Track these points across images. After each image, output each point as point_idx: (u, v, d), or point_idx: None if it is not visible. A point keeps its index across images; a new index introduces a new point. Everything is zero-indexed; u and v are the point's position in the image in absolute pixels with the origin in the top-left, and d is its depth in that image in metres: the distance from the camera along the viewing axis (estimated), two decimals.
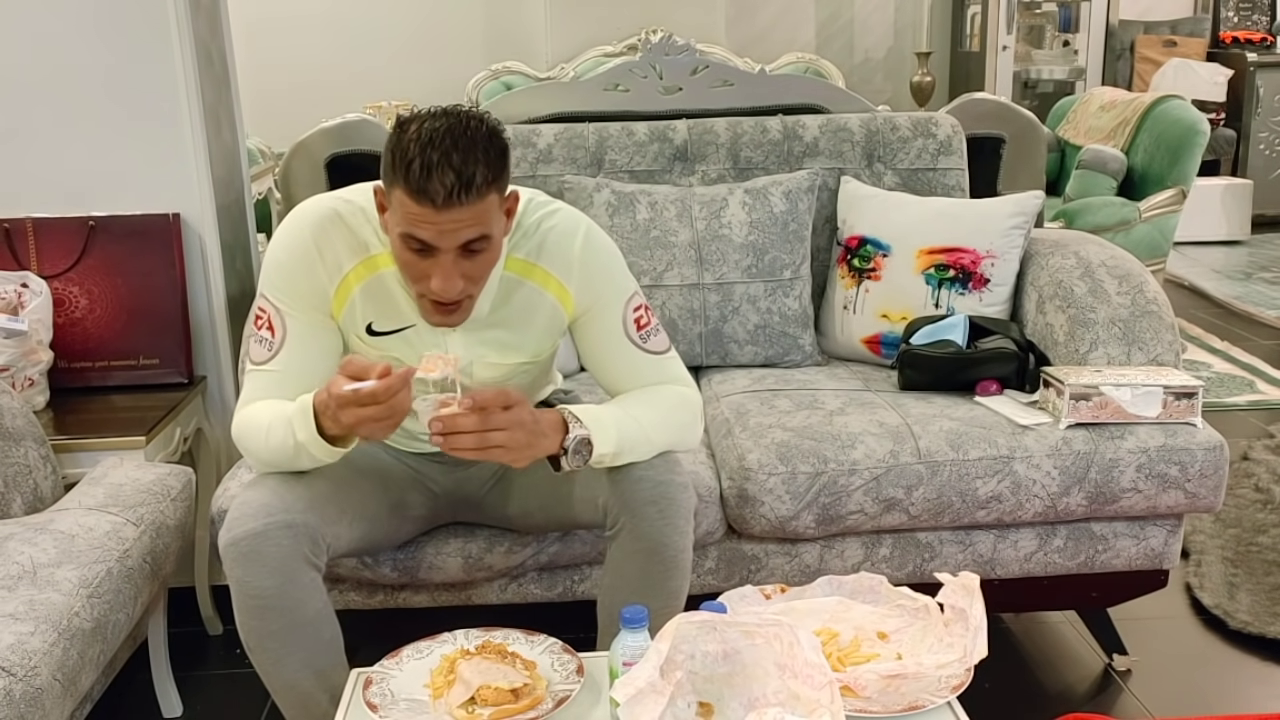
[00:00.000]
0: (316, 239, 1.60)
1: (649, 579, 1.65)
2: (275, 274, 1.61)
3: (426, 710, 1.41)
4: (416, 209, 1.43)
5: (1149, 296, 2.22)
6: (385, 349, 1.65)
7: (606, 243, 1.70)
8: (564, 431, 1.56)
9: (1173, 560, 2.14)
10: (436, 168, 1.40)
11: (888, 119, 2.63)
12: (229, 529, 1.57)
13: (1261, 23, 6.57)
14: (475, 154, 1.42)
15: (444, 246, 1.46)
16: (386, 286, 1.62)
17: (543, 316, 1.67)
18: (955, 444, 2.01)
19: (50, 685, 1.53)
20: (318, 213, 1.61)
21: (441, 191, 1.41)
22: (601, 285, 1.67)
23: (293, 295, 1.60)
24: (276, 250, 1.61)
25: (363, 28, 5.92)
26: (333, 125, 2.70)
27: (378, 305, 1.63)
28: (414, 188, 1.42)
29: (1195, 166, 4.43)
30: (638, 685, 1.23)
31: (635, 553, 1.63)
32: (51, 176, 2.33)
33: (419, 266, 1.49)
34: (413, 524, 1.87)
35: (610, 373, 1.72)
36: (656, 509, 1.63)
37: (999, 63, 6.17)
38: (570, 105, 2.76)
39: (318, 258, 1.60)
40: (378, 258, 1.61)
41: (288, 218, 1.64)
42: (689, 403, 1.72)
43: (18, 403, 2.04)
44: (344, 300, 1.62)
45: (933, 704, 1.39)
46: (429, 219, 1.43)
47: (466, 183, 1.41)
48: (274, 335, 1.61)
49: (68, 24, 2.27)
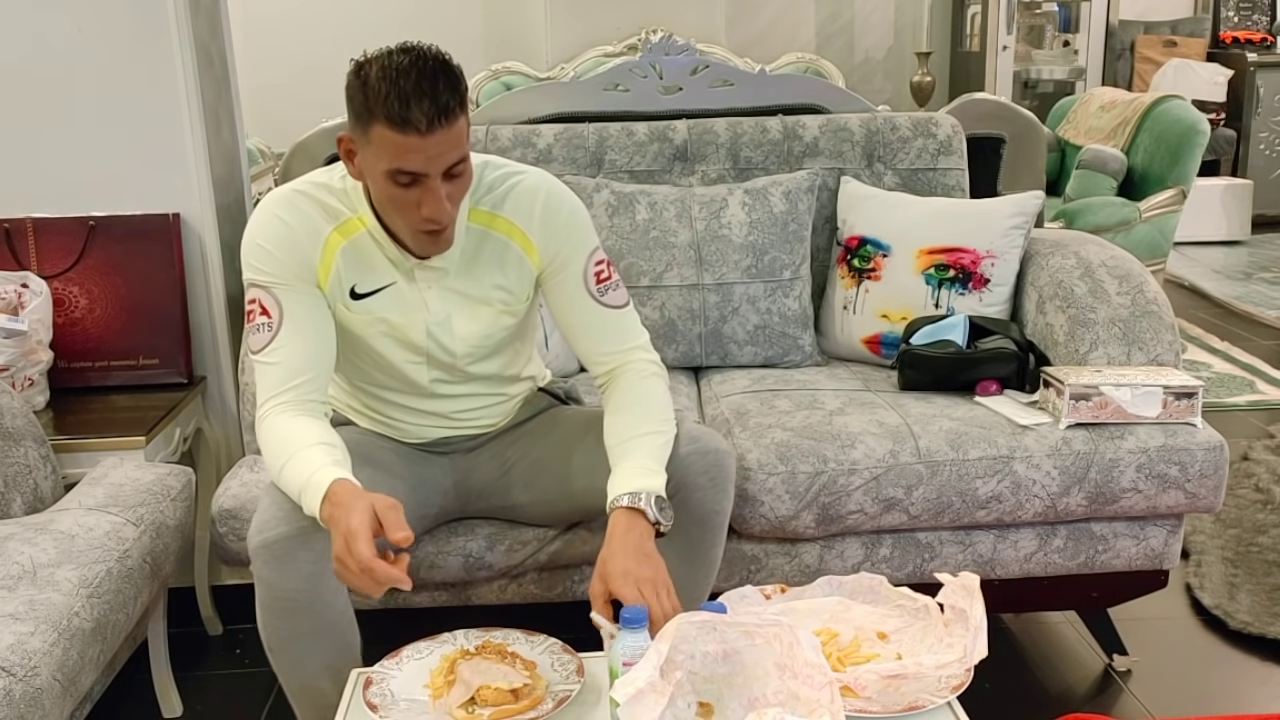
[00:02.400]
0: (290, 216, 1.63)
1: (696, 547, 1.72)
2: (258, 255, 1.63)
3: (426, 710, 1.40)
4: (402, 140, 1.46)
5: (1149, 296, 2.22)
6: (371, 310, 1.68)
7: (570, 198, 1.73)
8: (643, 517, 1.56)
9: (1173, 560, 2.14)
10: (413, 97, 1.44)
11: (888, 119, 2.63)
12: (260, 530, 1.57)
13: (1261, 23, 6.57)
14: (441, 80, 1.47)
15: (432, 172, 1.49)
16: (363, 248, 1.65)
17: (512, 267, 1.71)
18: (955, 444, 2.01)
19: (50, 685, 1.53)
20: (283, 195, 1.65)
21: (424, 119, 1.44)
22: (564, 237, 1.70)
23: (281, 269, 1.62)
24: (254, 236, 1.64)
25: (363, 28, 5.91)
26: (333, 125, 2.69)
27: (358, 267, 1.66)
28: (397, 120, 1.45)
29: (1195, 166, 4.43)
30: (638, 685, 1.23)
31: (687, 522, 1.68)
32: (51, 176, 2.33)
33: (407, 198, 1.52)
34: (428, 521, 1.88)
35: (572, 328, 1.76)
36: (709, 478, 1.70)
37: (999, 63, 6.17)
38: (570, 105, 2.75)
39: (297, 231, 1.62)
40: (349, 222, 1.64)
41: (255, 211, 1.67)
42: (655, 374, 1.75)
43: (18, 403, 2.04)
44: (329, 267, 1.64)
45: (933, 704, 1.39)
46: (416, 147, 1.46)
47: (443, 108, 1.46)
48: (270, 317, 1.62)
49: (68, 24, 2.27)
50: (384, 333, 1.69)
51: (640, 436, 1.65)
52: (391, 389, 1.79)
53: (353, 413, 1.87)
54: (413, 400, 1.80)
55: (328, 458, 1.54)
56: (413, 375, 1.75)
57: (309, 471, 1.52)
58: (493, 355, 1.78)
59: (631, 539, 1.54)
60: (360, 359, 1.75)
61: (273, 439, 1.59)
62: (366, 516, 1.43)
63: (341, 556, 1.42)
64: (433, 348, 1.72)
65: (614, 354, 1.74)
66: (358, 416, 1.86)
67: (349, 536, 1.42)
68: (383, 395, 1.80)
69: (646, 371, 1.74)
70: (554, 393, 1.97)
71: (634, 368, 1.74)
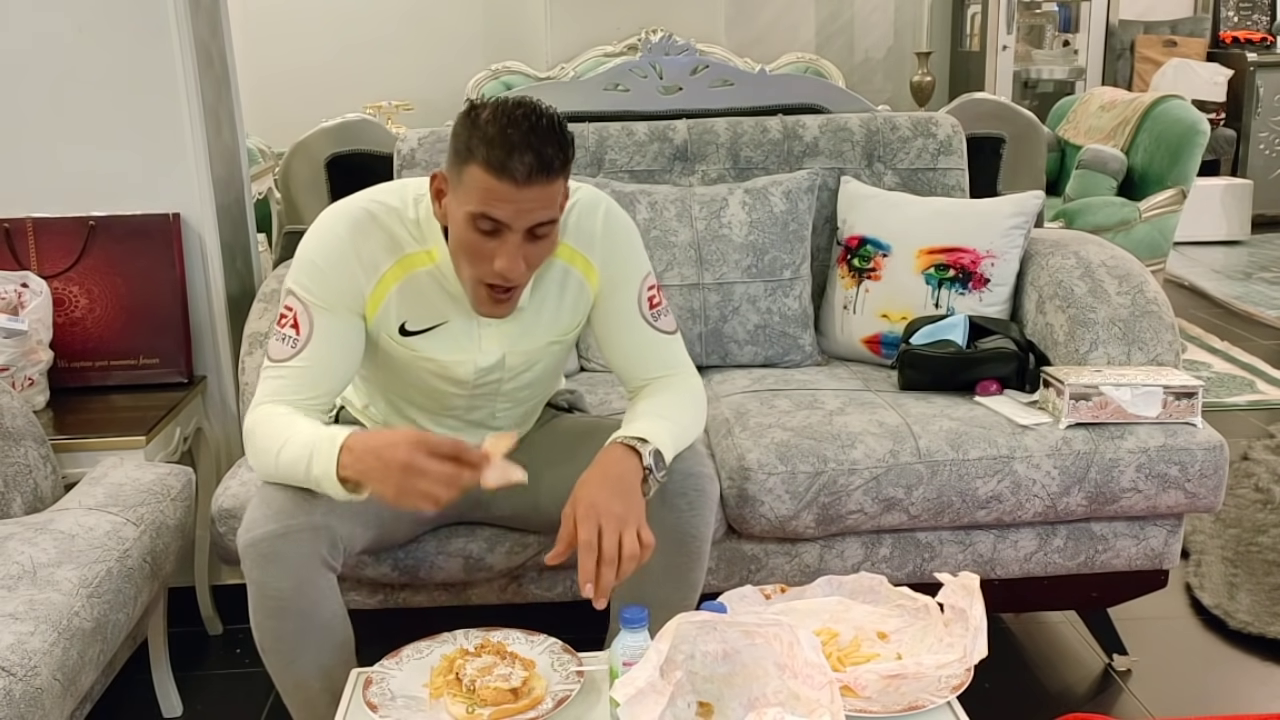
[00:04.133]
0: (354, 239, 1.59)
1: (673, 569, 1.67)
2: (309, 272, 1.59)
3: (426, 710, 1.41)
4: (497, 186, 1.44)
5: (1149, 296, 2.22)
6: (416, 348, 1.66)
7: (625, 219, 1.72)
8: (637, 458, 1.55)
9: (1173, 560, 2.14)
10: (519, 147, 1.43)
11: (888, 119, 2.63)
12: (248, 529, 1.56)
13: (1261, 23, 6.58)
14: (552, 137, 1.45)
15: (516, 226, 1.48)
16: (421, 285, 1.62)
17: (570, 293, 1.69)
18: (955, 444, 2.01)
19: (50, 685, 1.53)
20: (352, 214, 1.61)
21: (522, 169, 1.43)
22: (622, 260, 1.69)
23: (327, 292, 1.59)
24: (311, 251, 1.60)
25: (363, 28, 5.92)
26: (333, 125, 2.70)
27: (412, 304, 1.63)
28: (496, 165, 1.43)
29: (1195, 166, 4.44)
30: (638, 685, 1.23)
31: (662, 543, 1.64)
32: (51, 176, 2.33)
33: (484, 248, 1.50)
34: (422, 524, 1.88)
35: (620, 350, 1.73)
36: (687, 500, 1.66)
37: (999, 63, 6.17)
38: (570, 105, 2.75)
39: (355, 258, 1.59)
40: (413, 256, 1.61)
41: (320, 218, 1.63)
42: (699, 393, 1.74)
43: (18, 403, 2.04)
44: (380, 300, 1.62)
45: (933, 704, 1.39)
46: (508, 197, 1.45)
47: (546, 163, 1.44)
48: (299, 333, 1.59)
49: (67, 24, 2.27)
50: (429, 370, 1.68)
51: (660, 417, 1.63)
52: (419, 407, 1.77)
53: (366, 419, 1.85)
54: (436, 421, 1.78)
55: (327, 429, 1.53)
56: (450, 403, 1.74)
57: (313, 441, 1.50)
58: (535, 381, 1.77)
59: (614, 471, 1.52)
60: (399, 383, 1.73)
61: (266, 425, 1.57)
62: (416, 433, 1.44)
63: (411, 462, 1.41)
64: (479, 384, 1.70)
65: (660, 378, 1.72)
66: (370, 422, 1.85)
67: (416, 441, 1.42)
68: (409, 413, 1.79)
69: (689, 383, 1.72)
70: (557, 404, 1.96)
71: (679, 378, 1.72)
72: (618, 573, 1.46)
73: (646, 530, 1.49)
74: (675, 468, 1.64)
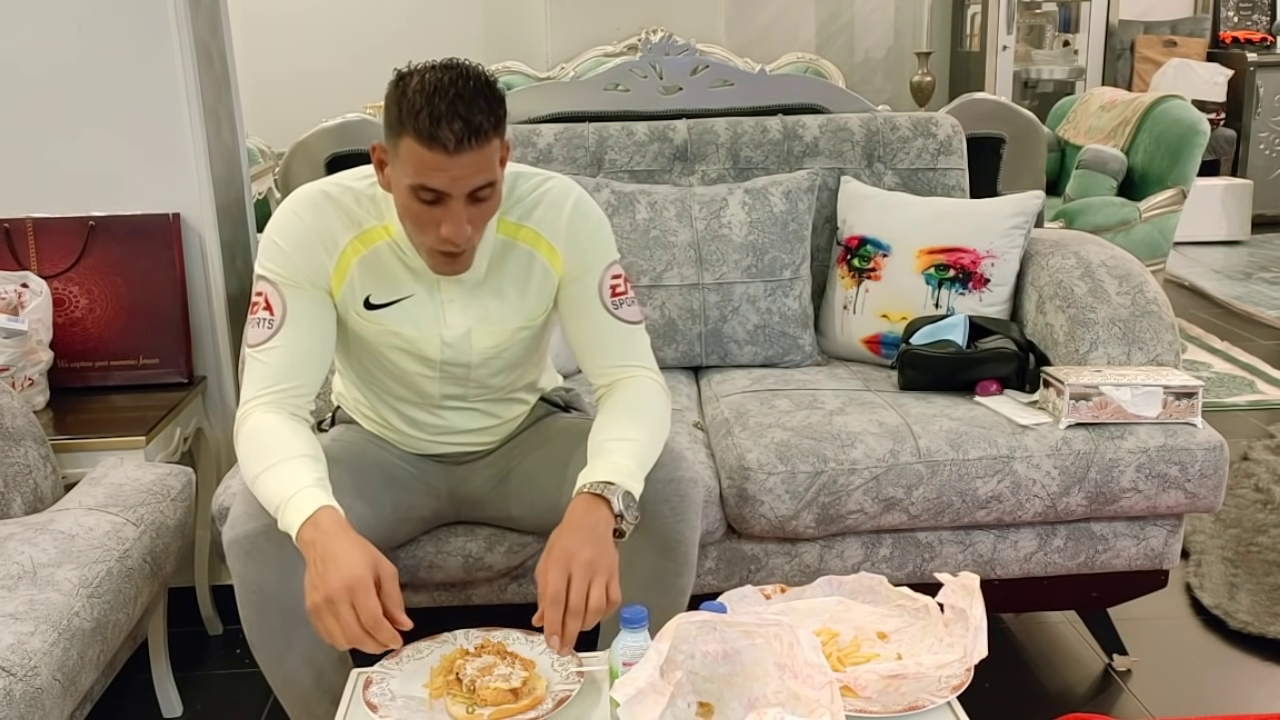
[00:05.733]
0: (313, 218, 1.62)
1: (660, 576, 1.66)
2: (272, 254, 1.62)
3: (426, 710, 1.40)
4: (429, 156, 1.45)
5: (1149, 296, 2.22)
6: (384, 322, 1.67)
7: (594, 209, 1.72)
8: (606, 506, 1.53)
9: (1173, 560, 2.14)
10: (445, 116, 1.43)
11: (888, 119, 2.63)
12: (233, 526, 1.58)
13: (1261, 23, 6.57)
14: (479, 102, 1.45)
15: (455, 193, 1.48)
16: (383, 258, 1.64)
17: (535, 278, 1.69)
18: (955, 444, 2.01)
19: (50, 685, 1.53)
20: (309, 196, 1.64)
21: (452, 138, 1.43)
22: (585, 246, 1.69)
23: (293, 271, 1.61)
24: (273, 234, 1.63)
25: (363, 28, 5.92)
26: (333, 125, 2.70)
27: (375, 278, 1.65)
28: (425, 136, 1.43)
29: (1195, 166, 4.44)
30: (638, 685, 1.23)
31: (647, 550, 1.64)
32: (51, 176, 2.33)
33: (428, 216, 1.51)
34: (416, 524, 1.88)
35: (580, 336, 1.73)
36: (670, 507, 1.65)
37: (999, 63, 6.17)
38: (570, 105, 2.76)
39: (315, 236, 1.62)
40: (371, 231, 1.63)
41: (280, 206, 1.66)
42: (659, 394, 1.72)
43: (18, 403, 2.04)
44: (343, 275, 1.64)
45: (933, 704, 1.39)
46: (441, 166, 1.45)
47: (475, 129, 1.44)
48: (273, 314, 1.61)
49: (68, 24, 2.27)
50: (396, 345, 1.68)
51: (624, 440, 1.61)
52: (401, 398, 1.78)
53: (360, 415, 1.86)
54: (420, 413, 1.79)
55: (310, 475, 1.51)
56: (424, 387, 1.74)
57: (292, 488, 1.49)
58: (507, 369, 1.77)
59: (586, 522, 1.50)
60: (373, 365, 1.74)
61: (252, 441, 1.57)
62: (370, 571, 1.41)
63: (337, 600, 1.39)
64: (446, 362, 1.71)
65: (619, 368, 1.71)
66: (364, 419, 1.86)
67: (357, 586, 1.39)
68: (391, 403, 1.79)
69: (648, 386, 1.71)
70: (553, 401, 1.96)
71: (637, 381, 1.71)
72: (583, 624, 1.45)
73: (615, 586, 1.48)
74: (654, 475, 1.63)
